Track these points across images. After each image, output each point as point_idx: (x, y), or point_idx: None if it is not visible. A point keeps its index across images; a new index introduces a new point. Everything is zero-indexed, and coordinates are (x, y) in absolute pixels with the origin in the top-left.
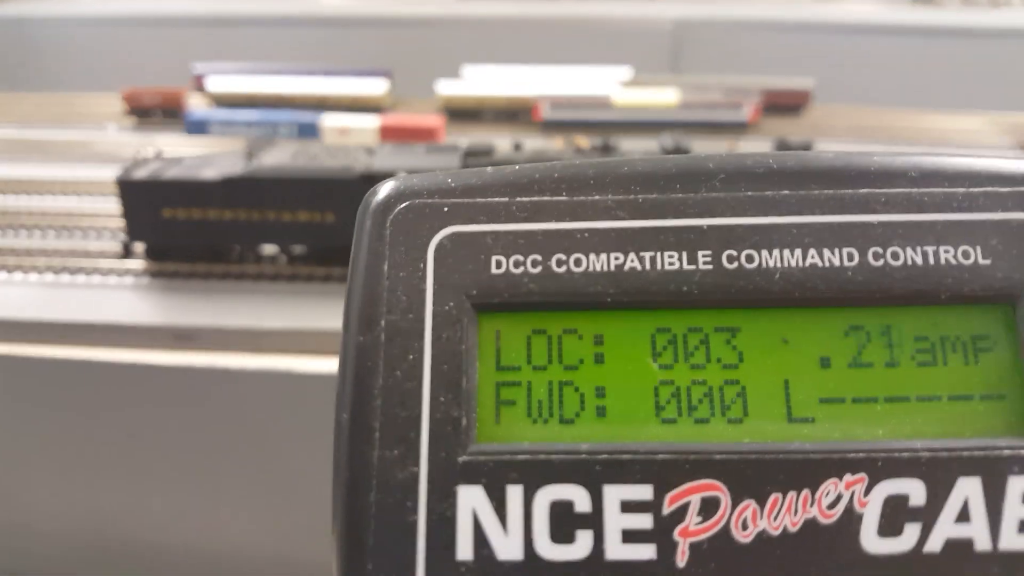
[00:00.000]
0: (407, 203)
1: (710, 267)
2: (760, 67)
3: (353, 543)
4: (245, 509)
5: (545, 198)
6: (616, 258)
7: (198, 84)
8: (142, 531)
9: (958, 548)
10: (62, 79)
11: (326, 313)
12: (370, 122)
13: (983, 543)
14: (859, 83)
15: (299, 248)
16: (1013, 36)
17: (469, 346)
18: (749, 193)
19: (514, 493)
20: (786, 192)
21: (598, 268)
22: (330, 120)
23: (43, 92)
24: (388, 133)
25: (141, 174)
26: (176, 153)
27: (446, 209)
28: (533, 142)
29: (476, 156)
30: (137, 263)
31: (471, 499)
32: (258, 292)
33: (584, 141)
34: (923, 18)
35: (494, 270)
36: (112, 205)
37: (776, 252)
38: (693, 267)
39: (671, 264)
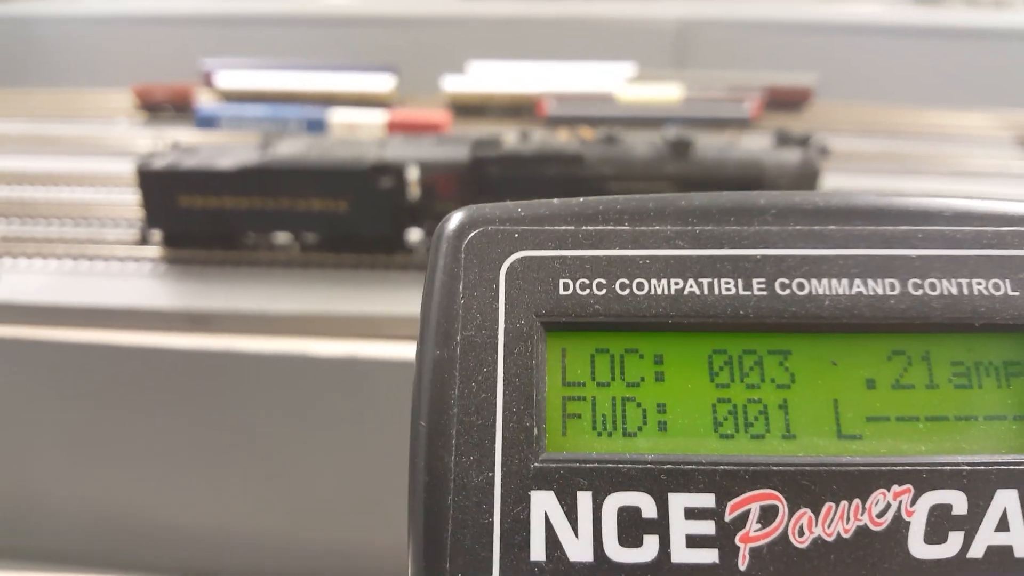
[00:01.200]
0: (480, 229)
1: (764, 293)
2: (763, 66)
3: (431, 543)
4: (258, 491)
5: (608, 227)
6: (676, 283)
7: (207, 80)
8: (155, 512)
9: (999, 554)
10: (71, 76)
11: (337, 298)
12: (377, 117)
13: (1022, 550)
14: (862, 82)
15: (312, 236)
16: (1015, 36)
17: (539, 361)
18: (799, 227)
19: (584, 499)
20: (832, 227)
21: (659, 292)
22: (338, 115)
23: (53, 88)
24: (395, 128)
25: (159, 163)
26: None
27: (516, 235)
28: (539, 134)
29: (484, 147)
30: (154, 250)
31: (543, 503)
32: (271, 278)
33: (589, 133)
34: (926, 17)
35: (561, 292)
36: (127, 196)
37: (825, 281)
38: (748, 293)
39: (728, 290)
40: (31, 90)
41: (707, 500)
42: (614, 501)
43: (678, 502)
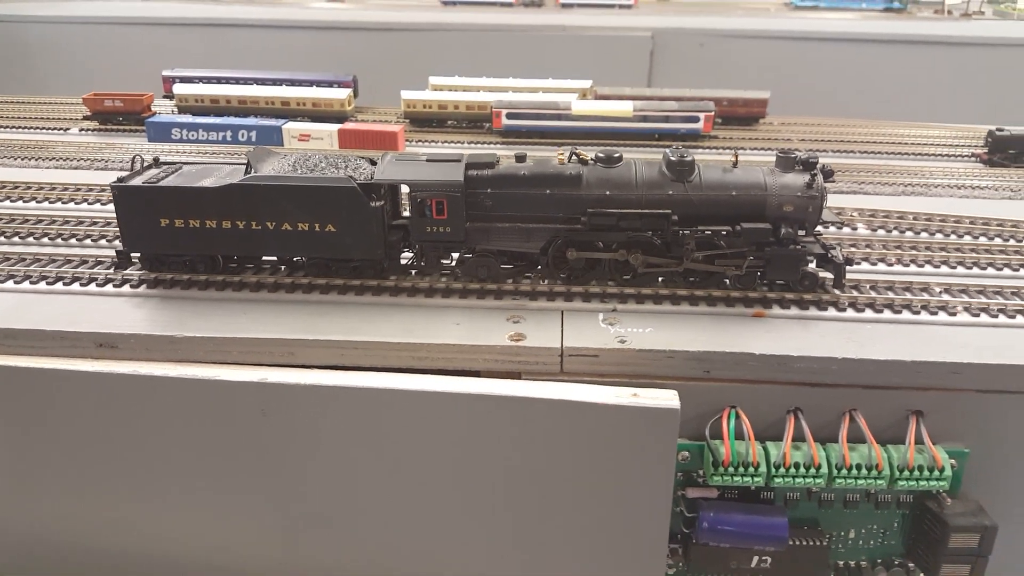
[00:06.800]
0: None
1: None
2: (740, 76)
3: None
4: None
5: None
6: None
7: (167, 89)
8: (84, 537)
9: None
10: (41, 81)
11: (326, 323)
12: (330, 128)
13: None
14: (836, 92)
15: (298, 259)
16: (981, 45)
17: None
18: None
19: None
20: None
21: None
22: (291, 126)
23: (17, 94)
24: (347, 138)
25: (137, 180)
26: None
27: None
28: (534, 153)
29: (479, 167)
30: (130, 272)
31: None
32: (257, 302)
33: (585, 153)
34: (895, 28)
35: None
36: (70, 210)
37: None
38: None
39: None
40: None
41: None
42: None
43: None
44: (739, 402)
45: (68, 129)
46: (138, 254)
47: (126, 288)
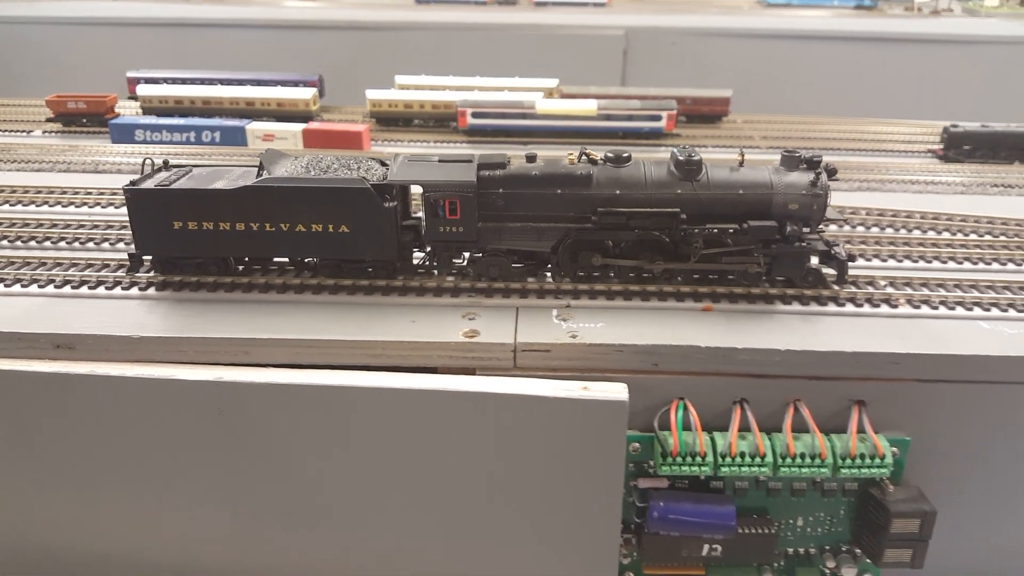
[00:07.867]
0: None
1: None
2: (713, 74)
3: None
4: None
5: None
6: None
7: (132, 90)
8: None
9: None
10: (4, 82)
11: (282, 322)
12: (295, 128)
13: None
14: (809, 89)
15: (311, 260)
16: (951, 42)
17: None
18: None
19: None
20: None
21: None
22: (255, 126)
23: None
24: (311, 138)
25: (149, 184)
26: (109, 159)
27: None
28: (546, 155)
29: (490, 167)
30: (89, 273)
31: None
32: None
33: (595, 153)
34: (867, 26)
35: None
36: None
37: None
38: None
39: None
40: None
41: None
42: None
43: None
44: (687, 394)
45: (31, 131)
46: (149, 257)
47: (83, 290)
